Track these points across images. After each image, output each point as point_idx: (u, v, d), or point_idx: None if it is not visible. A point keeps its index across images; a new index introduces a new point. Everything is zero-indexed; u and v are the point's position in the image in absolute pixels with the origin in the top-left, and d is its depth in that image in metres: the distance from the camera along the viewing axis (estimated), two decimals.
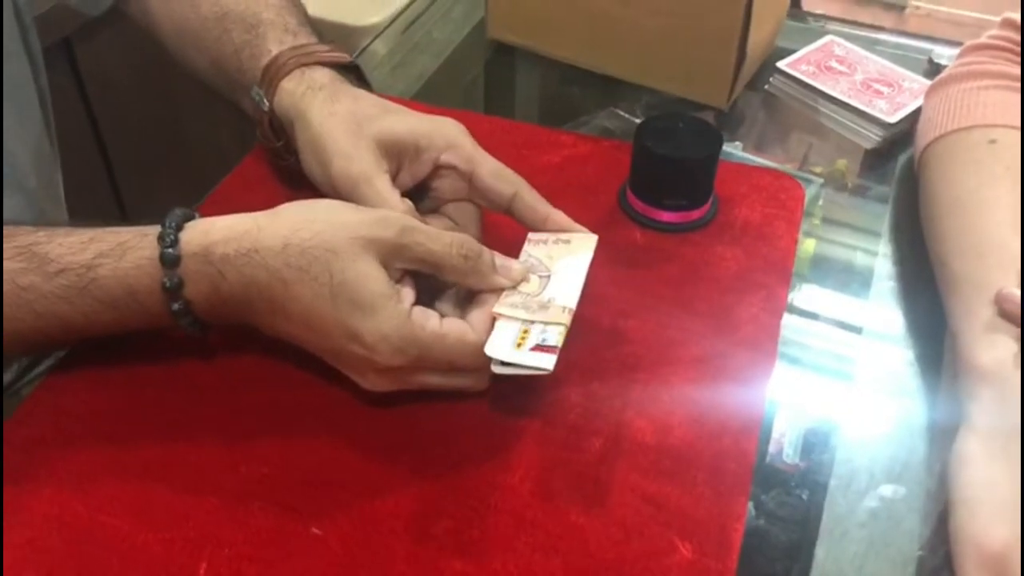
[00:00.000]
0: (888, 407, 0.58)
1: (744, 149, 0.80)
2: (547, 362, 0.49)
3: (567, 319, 0.52)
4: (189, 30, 0.70)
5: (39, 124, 0.70)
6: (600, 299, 0.62)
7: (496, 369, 0.50)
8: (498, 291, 0.54)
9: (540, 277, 0.56)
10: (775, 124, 0.86)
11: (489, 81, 0.94)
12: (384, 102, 0.63)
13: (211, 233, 0.51)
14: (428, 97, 0.85)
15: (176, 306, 0.51)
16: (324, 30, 0.70)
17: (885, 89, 0.82)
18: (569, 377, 0.57)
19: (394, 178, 0.59)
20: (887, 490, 0.53)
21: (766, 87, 0.86)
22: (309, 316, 0.50)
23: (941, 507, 0.51)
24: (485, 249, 0.54)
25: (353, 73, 0.67)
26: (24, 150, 0.66)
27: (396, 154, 0.59)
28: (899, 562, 0.50)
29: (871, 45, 0.90)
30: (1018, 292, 0.52)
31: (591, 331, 0.60)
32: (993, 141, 0.62)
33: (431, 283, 0.54)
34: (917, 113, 0.74)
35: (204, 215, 0.53)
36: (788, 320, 0.62)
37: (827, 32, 0.92)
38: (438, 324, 0.51)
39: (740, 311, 0.61)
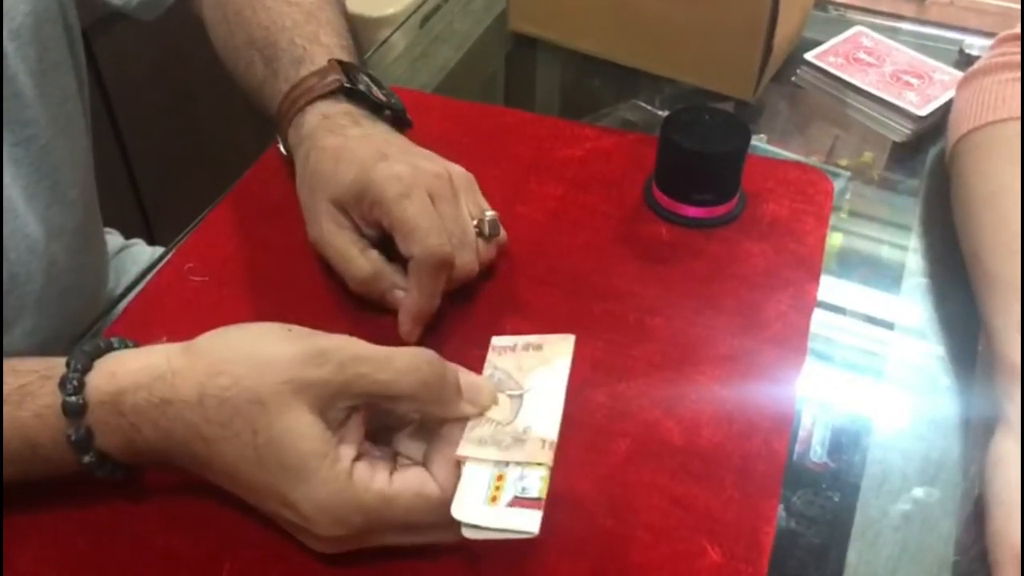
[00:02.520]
0: (921, 406, 0.57)
1: (768, 142, 0.79)
2: (530, 523, 0.40)
3: (548, 457, 0.43)
4: (228, 56, 0.70)
5: (84, 137, 0.70)
6: (626, 296, 0.61)
7: (467, 533, 0.41)
8: (463, 419, 0.45)
9: (511, 397, 0.46)
10: (798, 116, 0.84)
11: (510, 73, 0.93)
12: (341, 147, 0.58)
13: (119, 377, 0.44)
14: (449, 89, 0.85)
15: (87, 459, 0.45)
16: None
17: (915, 81, 0.80)
18: (594, 377, 0.56)
19: (362, 229, 0.57)
20: (920, 492, 0.52)
21: (793, 79, 0.84)
22: (235, 476, 0.44)
23: (977, 509, 0.50)
24: (449, 368, 0.45)
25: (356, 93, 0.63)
26: (70, 161, 0.66)
27: (346, 207, 0.57)
28: (934, 567, 0.49)
29: (894, 35, 0.88)
30: None
31: (616, 329, 0.59)
32: None
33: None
34: (948, 105, 0.72)
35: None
36: (817, 316, 0.60)
37: (849, 21, 0.90)
38: (386, 482, 0.43)
39: (769, 308, 0.60)
